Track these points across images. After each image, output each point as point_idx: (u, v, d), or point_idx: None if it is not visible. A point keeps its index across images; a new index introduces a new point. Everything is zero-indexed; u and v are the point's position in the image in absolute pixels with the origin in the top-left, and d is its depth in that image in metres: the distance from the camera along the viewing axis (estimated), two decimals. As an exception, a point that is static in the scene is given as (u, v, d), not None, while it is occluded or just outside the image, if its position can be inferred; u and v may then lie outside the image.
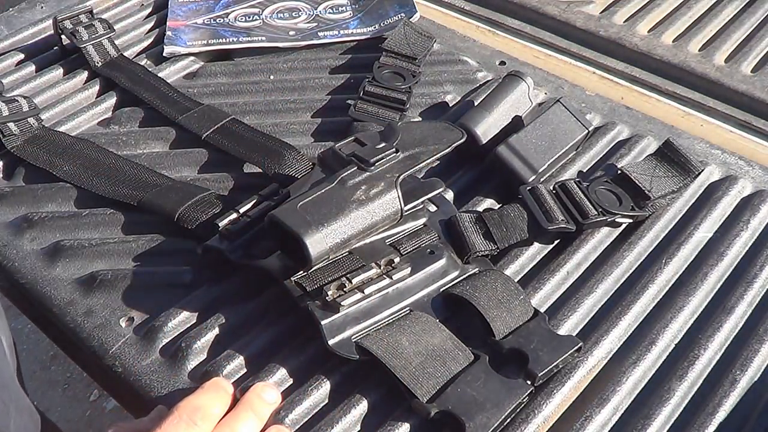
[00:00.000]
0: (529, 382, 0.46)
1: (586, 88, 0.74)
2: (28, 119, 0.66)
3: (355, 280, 0.49)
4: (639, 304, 0.53)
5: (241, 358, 0.49)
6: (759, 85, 0.73)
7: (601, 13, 0.84)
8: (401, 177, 0.51)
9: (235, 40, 0.79)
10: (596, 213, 0.56)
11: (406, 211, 0.51)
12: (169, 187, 0.60)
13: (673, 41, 0.80)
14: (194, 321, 0.52)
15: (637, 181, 0.58)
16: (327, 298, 0.48)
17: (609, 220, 0.56)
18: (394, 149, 0.53)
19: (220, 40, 0.78)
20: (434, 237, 0.54)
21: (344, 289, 0.49)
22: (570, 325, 0.52)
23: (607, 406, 0.47)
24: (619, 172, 0.59)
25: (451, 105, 0.71)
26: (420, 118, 0.69)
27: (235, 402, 0.46)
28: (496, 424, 0.44)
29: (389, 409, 0.47)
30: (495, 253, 0.55)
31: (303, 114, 0.70)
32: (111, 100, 0.71)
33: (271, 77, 0.75)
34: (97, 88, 0.73)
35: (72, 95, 0.72)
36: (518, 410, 0.46)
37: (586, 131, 0.62)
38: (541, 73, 0.76)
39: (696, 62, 0.76)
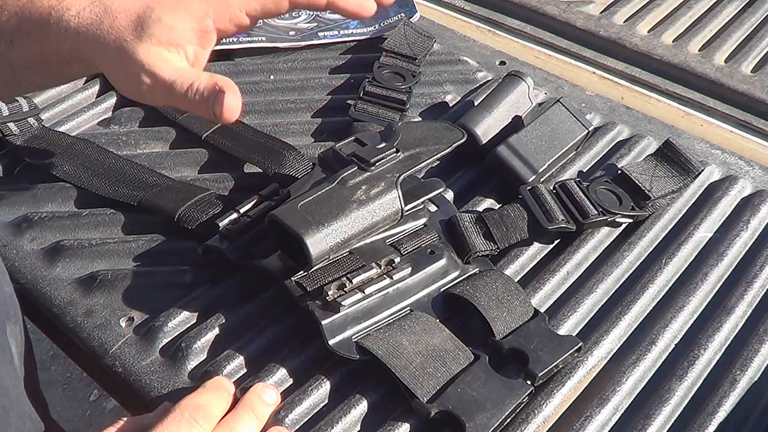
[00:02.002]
0: (529, 382, 0.46)
1: (586, 88, 0.74)
2: (28, 119, 0.66)
3: (355, 280, 0.49)
4: (639, 304, 0.53)
5: (241, 358, 0.49)
6: (759, 85, 0.73)
7: (601, 13, 0.84)
8: (402, 177, 0.51)
9: (235, 40, 0.78)
10: (596, 213, 0.56)
11: (406, 211, 0.51)
12: (169, 187, 0.60)
13: (673, 41, 0.80)
14: (194, 321, 0.52)
15: (637, 181, 0.58)
16: (327, 298, 0.48)
17: (609, 220, 0.57)
18: (394, 149, 0.53)
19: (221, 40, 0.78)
20: (434, 237, 0.54)
21: (344, 289, 0.49)
22: (570, 325, 0.52)
23: (607, 406, 0.47)
24: (619, 172, 0.59)
25: (451, 105, 0.71)
26: (420, 118, 0.69)
27: (235, 402, 0.46)
28: (496, 424, 0.44)
29: (389, 409, 0.47)
30: (495, 253, 0.55)
31: (303, 114, 0.70)
32: (111, 100, 0.71)
33: (271, 77, 0.75)
34: (97, 88, 0.73)
35: (72, 95, 0.72)
36: (518, 410, 0.46)
37: (586, 131, 0.62)
38: (541, 73, 0.76)
39: (696, 62, 0.76)
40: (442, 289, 0.51)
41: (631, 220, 0.59)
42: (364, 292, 0.48)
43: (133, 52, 0.44)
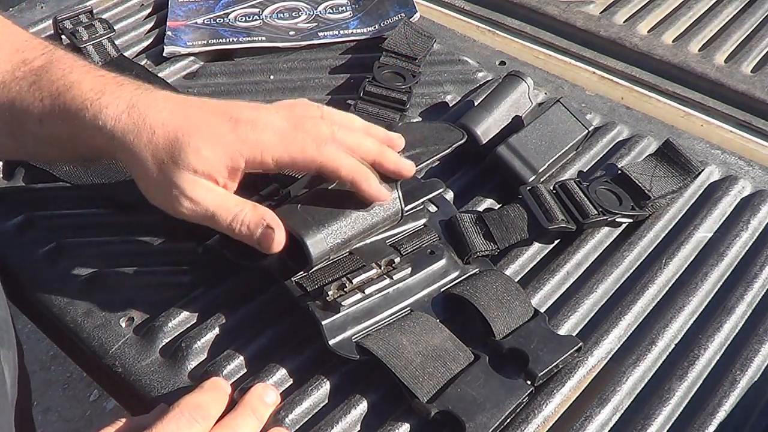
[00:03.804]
0: (529, 382, 0.46)
1: (586, 88, 0.74)
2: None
3: (355, 281, 0.49)
4: (639, 304, 0.53)
5: (241, 358, 0.49)
6: (759, 85, 0.73)
7: (601, 13, 0.84)
8: (401, 177, 0.51)
9: (235, 40, 0.79)
10: (596, 213, 0.56)
11: (406, 212, 0.51)
12: (169, 187, 0.60)
13: (673, 41, 0.80)
14: (194, 321, 0.53)
15: (637, 181, 0.58)
16: (327, 298, 0.48)
17: (609, 220, 0.57)
18: (394, 149, 0.53)
19: (220, 40, 0.78)
20: (434, 237, 0.54)
21: (345, 290, 0.49)
22: (570, 325, 0.52)
23: (607, 406, 0.47)
24: (619, 172, 0.59)
25: (451, 105, 0.71)
26: (420, 118, 0.69)
27: (232, 403, 0.46)
28: (496, 424, 0.44)
29: (389, 409, 0.47)
30: (495, 253, 0.55)
31: (303, 114, 0.70)
32: (111, 100, 0.71)
33: (271, 77, 0.75)
34: (97, 88, 0.73)
35: (72, 95, 0.71)
36: (518, 410, 0.46)
37: (586, 131, 0.62)
38: (541, 73, 0.76)
39: (696, 62, 0.76)
40: (442, 290, 0.51)
41: (631, 220, 0.59)
42: (364, 293, 0.49)
43: (172, 176, 0.45)
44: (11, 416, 0.49)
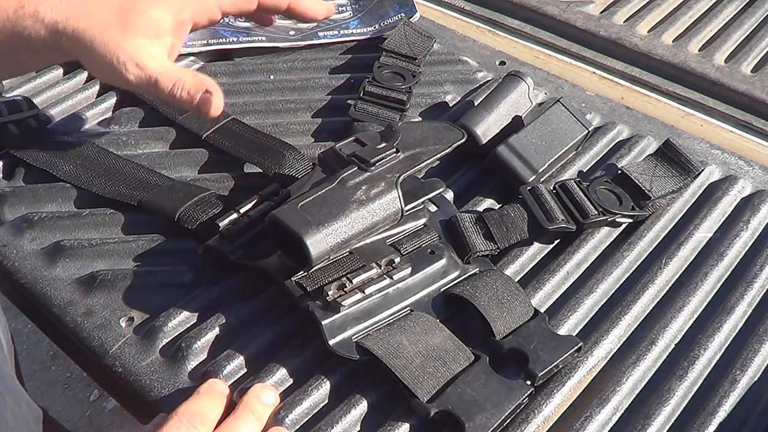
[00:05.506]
0: (529, 383, 0.46)
1: (586, 88, 0.74)
2: (28, 120, 0.66)
3: (355, 280, 0.49)
4: (639, 304, 0.53)
5: (241, 358, 0.49)
6: (759, 85, 0.73)
7: (601, 13, 0.84)
8: (402, 177, 0.51)
9: (235, 40, 0.78)
10: (596, 213, 0.56)
11: (406, 212, 0.51)
12: (169, 187, 0.60)
13: (673, 41, 0.80)
14: (194, 321, 0.52)
15: (637, 181, 0.58)
16: (327, 298, 0.48)
17: (609, 220, 0.57)
18: (394, 149, 0.53)
19: (220, 40, 0.78)
20: (435, 237, 0.54)
21: (345, 289, 0.49)
22: (570, 325, 0.52)
23: (607, 406, 0.47)
24: (619, 172, 0.59)
25: (451, 105, 0.71)
26: (420, 118, 0.70)
27: (231, 404, 0.46)
28: (495, 425, 0.44)
29: (389, 409, 0.47)
30: (495, 253, 0.55)
31: (303, 114, 0.70)
32: (111, 100, 0.71)
33: (271, 77, 0.75)
34: (97, 88, 0.73)
35: (72, 95, 0.72)
36: (518, 410, 0.46)
37: (586, 131, 0.62)
38: (541, 73, 0.76)
39: (696, 62, 0.76)
40: (442, 289, 0.51)
41: (631, 220, 0.59)
42: (364, 292, 0.48)
43: (121, 43, 0.47)
44: (14, 375, 0.49)
